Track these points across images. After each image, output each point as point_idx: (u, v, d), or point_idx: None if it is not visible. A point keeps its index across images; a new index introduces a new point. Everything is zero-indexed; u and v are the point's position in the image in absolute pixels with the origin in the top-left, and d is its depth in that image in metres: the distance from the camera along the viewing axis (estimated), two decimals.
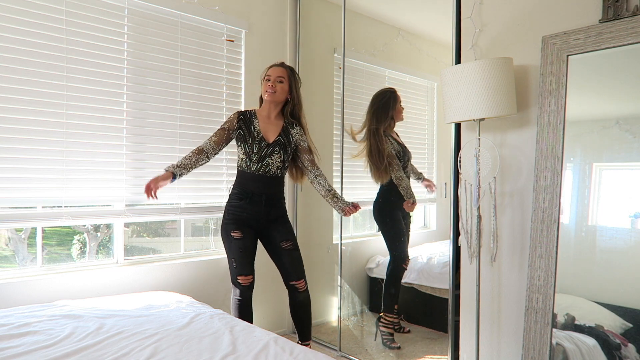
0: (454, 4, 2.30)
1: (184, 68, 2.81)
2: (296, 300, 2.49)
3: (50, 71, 2.32)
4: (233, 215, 2.44)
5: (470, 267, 2.23)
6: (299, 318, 2.51)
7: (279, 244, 2.47)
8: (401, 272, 2.82)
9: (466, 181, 2.13)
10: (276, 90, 2.42)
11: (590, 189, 1.80)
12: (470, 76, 1.86)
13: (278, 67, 2.47)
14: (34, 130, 2.28)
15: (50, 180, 2.33)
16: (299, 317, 2.51)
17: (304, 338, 2.52)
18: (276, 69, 2.46)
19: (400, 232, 2.81)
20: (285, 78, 2.44)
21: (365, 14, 3.01)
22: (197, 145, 2.42)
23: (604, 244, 1.76)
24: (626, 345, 1.68)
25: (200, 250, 3.03)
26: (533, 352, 1.87)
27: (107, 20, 2.50)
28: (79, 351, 1.58)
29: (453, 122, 2.04)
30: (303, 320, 2.51)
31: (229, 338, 1.75)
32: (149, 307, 2.16)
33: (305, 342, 2.51)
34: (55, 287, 2.33)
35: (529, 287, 1.90)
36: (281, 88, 2.44)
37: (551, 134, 1.87)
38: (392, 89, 2.79)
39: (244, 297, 2.42)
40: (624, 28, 1.69)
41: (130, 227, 2.81)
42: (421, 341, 2.73)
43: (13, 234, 2.46)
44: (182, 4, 2.76)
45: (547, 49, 1.90)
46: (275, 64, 2.50)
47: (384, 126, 2.78)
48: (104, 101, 2.49)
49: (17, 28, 2.22)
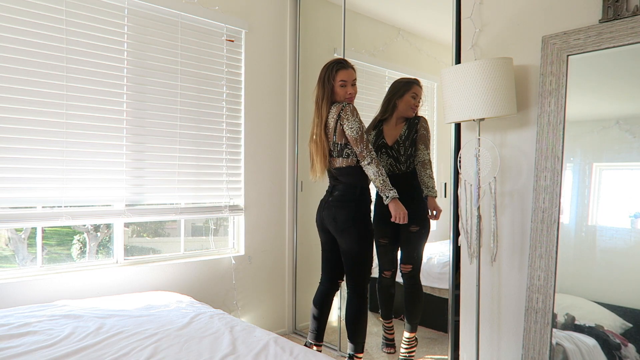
0: (454, 4, 2.30)
1: (184, 68, 2.81)
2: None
3: (50, 71, 2.32)
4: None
5: (470, 267, 2.23)
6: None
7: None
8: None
9: (466, 181, 2.13)
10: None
11: (590, 189, 1.80)
12: (470, 76, 1.86)
13: (350, 69, 2.35)
14: (34, 130, 2.28)
15: (50, 180, 2.33)
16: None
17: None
18: (350, 72, 2.35)
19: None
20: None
21: (365, 14, 3.01)
22: (375, 159, 2.27)
23: (604, 244, 1.76)
24: (626, 345, 1.68)
25: (200, 250, 3.03)
26: (533, 352, 1.87)
27: (107, 20, 2.50)
28: (79, 351, 1.58)
29: (453, 122, 2.04)
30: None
31: (229, 338, 1.75)
32: (149, 307, 2.16)
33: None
34: (55, 287, 2.33)
35: (529, 287, 1.90)
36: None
37: (551, 134, 1.87)
38: (413, 80, 2.64)
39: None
40: (624, 28, 1.69)
41: (130, 227, 2.81)
42: (421, 341, 2.73)
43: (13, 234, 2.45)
44: (182, 4, 2.76)
45: (547, 49, 1.90)
46: (345, 67, 2.35)
47: (380, 116, 2.70)
48: (104, 101, 2.49)
49: (17, 28, 2.22)
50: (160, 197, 2.74)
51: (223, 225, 3.19)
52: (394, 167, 2.60)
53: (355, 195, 2.30)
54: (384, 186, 2.23)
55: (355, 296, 2.32)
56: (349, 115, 2.24)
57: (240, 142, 3.11)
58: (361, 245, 2.28)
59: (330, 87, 2.32)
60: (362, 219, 2.29)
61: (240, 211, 3.10)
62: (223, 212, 3.01)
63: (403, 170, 2.58)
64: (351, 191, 2.30)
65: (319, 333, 2.51)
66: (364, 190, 2.32)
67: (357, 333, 2.33)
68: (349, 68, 2.33)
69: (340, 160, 2.31)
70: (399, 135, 2.60)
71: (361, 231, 2.27)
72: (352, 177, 2.31)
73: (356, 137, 2.24)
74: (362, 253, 2.29)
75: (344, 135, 2.28)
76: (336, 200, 2.33)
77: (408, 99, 2.59)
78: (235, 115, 3.08)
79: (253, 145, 3.16)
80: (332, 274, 2.48)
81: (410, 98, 2.59)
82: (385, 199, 2.25)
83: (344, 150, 2.30)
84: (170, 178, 2.77)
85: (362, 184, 2.32)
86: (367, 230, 2.30)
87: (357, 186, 2.30)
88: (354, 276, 2.31)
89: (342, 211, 2.29)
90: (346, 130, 2.25)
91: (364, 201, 2.31)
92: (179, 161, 2.80)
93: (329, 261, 2.48)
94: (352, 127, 2.24)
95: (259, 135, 3.19)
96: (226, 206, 3.03)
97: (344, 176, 2.33)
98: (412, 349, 2.63)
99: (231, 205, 3.07)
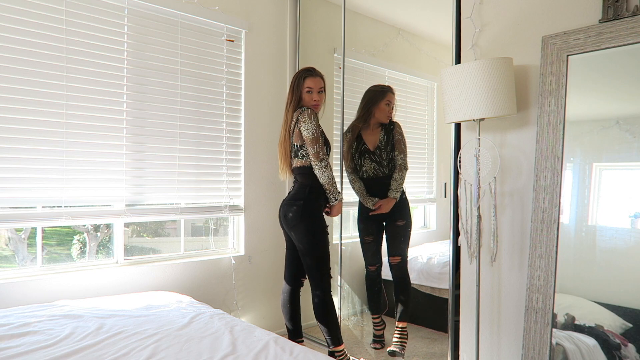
0: (454, 4, 2.30)
1: (184, 68, 2.81)
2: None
3: (50, 71, 2.32)
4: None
5: (470, 267, 2.23)
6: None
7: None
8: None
9: (466, 181, 2.13)
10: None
11: (590, 189, 1.80)
12: (470, 76, 1.86)
13: (317, 77, 2.52)
14: (34, 130, 2.28)
15: (50, 180, 2.33)
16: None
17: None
18: (317, 80, 2.51)
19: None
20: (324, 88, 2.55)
21: (365, 14, 3.01)
22: (329, 163, 2.48)
23: (604, 244, 1.76)
24: (626, 345, 1.68)
25: (200, 250, 3.03)
26: (533, 352, 1.87)
27: (107, 20, 2.50)
28: (78, 351, 1.58)
29: (453, 122, 2.04)
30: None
31: (229, 338, 1.75)
32: (149, 307, 2.16)
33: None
34: (55, 287, 2.33)
35: (529, 287, 1.90)
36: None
37: (551, 134, 1.87)
38: (386, 87, 2.81)
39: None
40: (624, 28, 1.69)
41: (130, 227, 2.81)
42: (421, 341, 2.73)
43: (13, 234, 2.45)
44: (182, 4, 2.76)
45: (547, 49, 1.90)
46: (312, 75, 2.51)
47: (356, 122, 2.87)
48: (104, 101, 2.49)
49: (17, 28, 2.22)
50: (160, 197, 2.74)
51: (223, 225, 3.19)
52: (377, 170, 2.78)
53: (304, 194, 2.43)
54: (335, 188, 2.44)
55: (318, 290, 2.42)
56: (306, 118, 2.39)
57: (240, 142, 3.11)
58: (310, 239, 2.40)
59: (298, 93, 2.50)
60: (310, 215, 2.41)
61: (240, 211, 3.10)
62: (223, 212, 3.01)
63: (386, 174, 2.76)
64: (302, 190, 2.45)
65: (296, 330, 2.62)
66: (312, 189, 2.44)
67: (328, 326, 2.43)
68: (317, 76, 2.50)
69: (296, 160, 2.49)
70: (378, 140, 2.78)
71: (309, 226, 2.40)
72: (304, 177, 2.46)
73: (311, 138, 2.38)
74: (314, 247, 2.40)
75: (301, 136, 2.43)
76: (289, 198, 2.50)
77: (383, 107, 2.77)
78: (235, 115, 3.08)
79: (253, 145, 3.16)
80: (294, 271, 2.60)
81: (384, 106, 2.77)
82: (333, 200, 2.45)
83: (299, 151, 2.45)
84: (170, 178, 2.77)
85: (312, 183, 2.44)
86: (316, 225, 2.42)
87: (307, 185, 2.44)
88: (312, 271, 2.43)
89: (291, 208, 2.43)
90: (302, 132, 2.40)
91: (312, 199, 2.43)
92: (179, 161, 2.80)
93: (292, 258, 2.61)
94: (308, 129, 2.39)
95: (259, 136, 3.19)
96: (226, 206, 3.04)
97: (299, 175, 2.50)
98: (405, 340, 2.70)
99: (231, 205, 3.07)
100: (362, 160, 2.81)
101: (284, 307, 2.61)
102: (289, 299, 2.59)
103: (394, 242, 2.77)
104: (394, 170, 2.75)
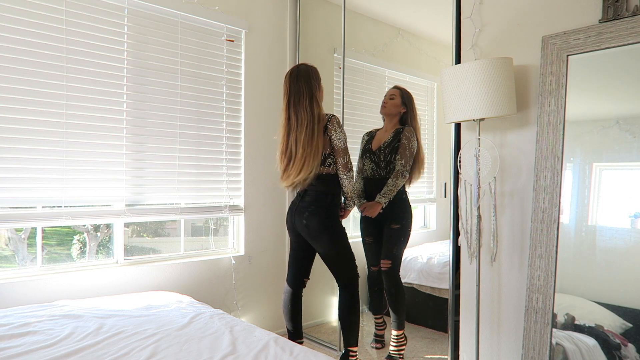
0: (454, 4, 2.30)
1: (184, 68, 2.81)
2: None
3: (50, 71, 2.32)
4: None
5: (470, 267, 2.23)
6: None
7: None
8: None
9: (466, 181, 2.13)
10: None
11: (590, 189, 1.80)
12: (470, 76, 1.86)
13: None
14: (34, 130, 2.28)
15: (50, 180, 2.33)
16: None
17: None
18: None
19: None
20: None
21: (365, 14, 3.01)
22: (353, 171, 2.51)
23: (604, 244, 1.76)
24: (626, 345, 1.68)
25: (200, 250, 3.03)
26: (533, 352, 1.87)
27: (107, 20, 2.50)
28: (78, 351, 1.58)
29: (453, 122, 2.04)
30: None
31: (229, 338, 1.75)
32: (149, 307, 2.16)
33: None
34: (55, 287, 2.33)
35: (529, 287, 1.90)
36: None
37: (551, 134, 1.87)
38: (397, 86, 2.80)
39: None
40: (624, 28, 1.69)
41: (130, 227, 2.81)
42: (421, 341, 2.73)
43: (13, 234, 2.45)
44: (182, 4, 2.76)
45: (547, 49, 1.90)
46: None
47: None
48: (104, 101, 2.49)
49: (17, 28, 2.22)
50: (160, 197, 2.74)
51: (223, 225, 3.19)
52: (375, 171, 2.75)
53: (326, 201, 2.39)
54: (356, 196, 2.55)
55: (346, 292, 2.42)
56: (337, 127, 2.36)
57: (240, 142, 3.11)
58: (337, 246, 2.39)
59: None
60: (333, 223, 2.39)
61: (240, 211, 3.10)
62: (223, 212, 3.01)
63: (383, 175, 2.71)
64: (323, 198, 2.39)
65: (297, 331, 2.60)
66: (334, 196, 2.42)
67: (351, 327, 2.42)
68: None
69: (322, 167, 2.39)
70: (383, 142, 2.74)
71: (333, 235, 2.38)
72: (326, 184, 2.40)
73: (342, 148, 2.37)
74: (341, 252, 2.40)
75: (330, 145, 2.38)
76: (306, 206, 2.40)
77: (384, 101, 2.78)
78: (235, 115, 3.08)
79: (253, 145, 3.16)
80: (298, 273, 2.58)
81: (384, 100, 2.77)
82: (352, 205, 2.49)
83: (327, 159, 2.39)
84: (170, 178, 2.77)
85: (334, 191, 2.42)
86: (339, 231, 2.41)
87: (329, 193, 2.40)
88: (340, 274, 2.42)
89: (314, 217, 2.37)
90: (334, 141, 2.36)
91: (334, 206, 2.42)
92: (179, 161, 2.80)
93: (297, 260, 2.57)
94: (340, 138, 2.36)
95: (259, 136, 3.19)
96: (226, 206, 3.04)
97: (320, 182, 2.39)
98: (402, 347, 2.68)
99: (231, 205, 3.07)
100: (364, 160, 2.81)
101: (285, 308, 2.58)
102: (291, 300, 2.57)
103: (386, 245, 2.70)
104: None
